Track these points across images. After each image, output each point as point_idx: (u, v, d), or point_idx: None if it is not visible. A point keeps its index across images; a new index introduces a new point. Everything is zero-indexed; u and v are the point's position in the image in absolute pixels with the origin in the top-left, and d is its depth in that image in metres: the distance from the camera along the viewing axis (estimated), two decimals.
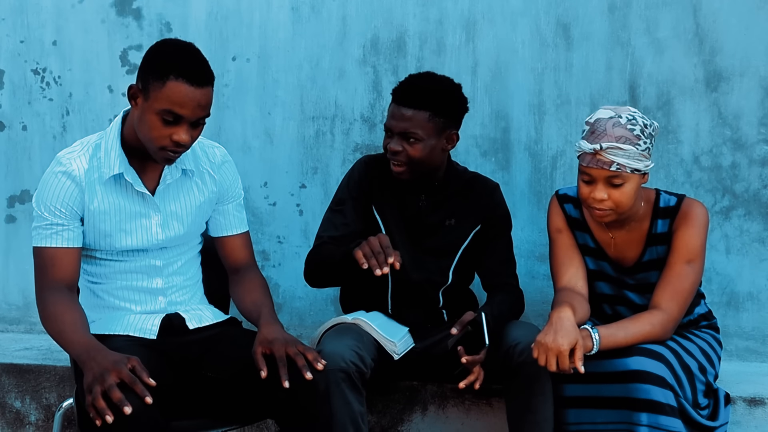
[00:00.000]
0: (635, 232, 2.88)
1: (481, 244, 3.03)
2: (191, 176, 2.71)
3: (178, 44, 2.57)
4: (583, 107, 3.41)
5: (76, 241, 2.60)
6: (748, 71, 3.35)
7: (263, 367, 2.47)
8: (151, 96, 2.49)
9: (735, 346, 3.42)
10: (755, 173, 3.38)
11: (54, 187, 2.58)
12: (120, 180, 2.62)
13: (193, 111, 2.49)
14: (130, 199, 2.64)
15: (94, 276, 2.71)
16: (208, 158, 2.75)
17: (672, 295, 2.78)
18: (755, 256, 3.40)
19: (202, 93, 2.49)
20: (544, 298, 3.37)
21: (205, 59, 2.55)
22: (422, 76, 2.97)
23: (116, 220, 2.63)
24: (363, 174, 3.02)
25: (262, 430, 3.25)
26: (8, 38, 3.66)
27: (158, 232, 2.67)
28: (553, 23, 3.42)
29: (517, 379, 2.76)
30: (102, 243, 2.65)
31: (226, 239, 2.81)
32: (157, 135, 2.50)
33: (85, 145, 2.63)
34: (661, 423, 2.62)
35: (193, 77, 2.47)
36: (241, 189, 2.85)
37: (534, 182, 3.47)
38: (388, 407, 3.19)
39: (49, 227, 2.58)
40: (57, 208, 2.57)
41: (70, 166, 2.59)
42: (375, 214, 3.00)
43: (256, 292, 2.76)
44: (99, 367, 2.33)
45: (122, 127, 2.63)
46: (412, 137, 2.86)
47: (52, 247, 2.58)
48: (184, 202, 2.71)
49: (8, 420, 3.36)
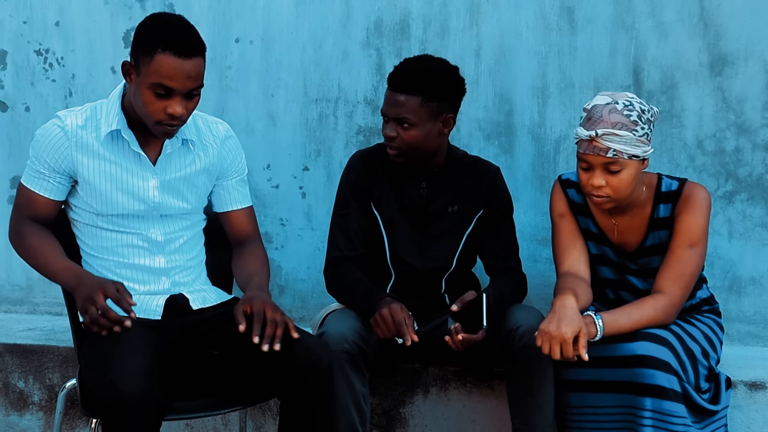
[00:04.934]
0: (637, 217, 2.88)
1: (483, 229, 3.03)
2: (192, 148, 2.72)
3: (165, 18, 2.60)
4: (587, 91, 3.40)
5: (57, 194, 2.67)
6: (753, 55, 3.34)
7: (242, 321, 2.51)
8: (142, 71, 2.51)
9: (737, 331, 3.42)
10: (759, 158, 3.38)
11: (45, 137, 2.64)
12: (117, 140, 2.64)
13: (183, 83, 2.51)
14: (126, 159, 2.65)
15: (95, 250, 2.70)
16: (212, 132, 2.78)
17: (675, 280, 2.78)
18: (758, 240, 3.41)
19: (190, 64, 2.50)
20: (547, 281, 3.37)
21: (193, 30, 2.57)
22: (416, 60, 2.96)
23: (112, 181, 2.64)
24: (359, 171, 3.01)
25: (265, 412, 3.26)
26: (11, 19, 3.65)
27: (155, 195, 2.67)
28: (557, 6, 3.41)
29: (518, 362, 2.77)
30: (98, 205, 2.65)
31: (230, 214, 2.84)
32: (152, 109, 2.53)
33: (85, 107, 2.69)
34: (664, 408, 2.63)
35: (179, 49, 2.48)
36: (245, 165, 2.86)
37: (537, 166, 3.47)
38: (390, 389, 3.20)
39: (36, 172, 2.65)
40: (44, 158, 2.63)
41: (64, 120, 2.64)
42: (374, 212, 3.00)
43: (254, 263, 2.78)
44: (87, 288, 2.46)
45: (122, 99, 2.65)
46: (406, 122, 2.85)
47: (33, 190, 2.66)
48: (185, 172, 2.71)
49: (11, 400, 3.37)
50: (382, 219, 2.99)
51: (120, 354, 2.40)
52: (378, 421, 3.22)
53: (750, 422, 3.06)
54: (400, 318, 2.74)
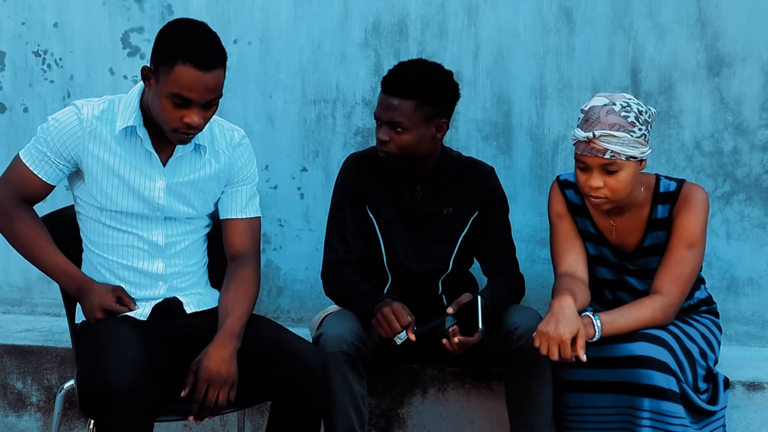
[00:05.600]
0: (635, 218, 2.88)
1: (479, 230, 3.03)
2: (204, 153, 2.69)
3: (187, 26, 2.57)
4: (585, 92, 3.40)
5: (55, 179, 2.66)
6: (751, 56, 3.34)
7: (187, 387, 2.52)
8: (161, 79, 2.49)
9: (735, 331, 3.42)
10: (756, 158, 3.38)
11: (59, 122, 2.62)
12: (130, 136, 2.63)
13: (202, 94, 2.49)
14: (137, 157, 2.64)
15: (96, 246, 2.70)
16: (225, 140, 2.75)
17: (673, 280, 2.78)
18: (756, 241, 3.41)
19: (210, 76, 2.48)
20: (545, 282, 3.37)
21: (214, 39, 2.55)
22: (410, 63, 2.94)
23: (119, 177, 2.63)
24: (354, 174, 3.00)
25: (263, 413, 3.26)
26: (9, 20, 3.65)
27: (160, 197, 2.66)
28: (555, 7, 3.41)
29: (516, 363, 2.77)
30: (102, 199, 2.64)
31: (229, 222, 2.77)
32: (169, 117, 2.51)
33: (104, 99, 2.67)
34: (662, 408, 2.63)
35: (200, 61, 2.46)
36: (256, 174, 2.81)
37: (535, 166, 3.47)
38: (389, 390, 3.21)
39: (40, 153, 2.63)
40: (53, 143, 2.62)
41: (81, 109, 2.62)
42: (369, 215, 3.00)
43: (238, 291, 2.67)
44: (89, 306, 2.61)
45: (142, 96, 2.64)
46: (399, 126, 2.85)
47: (32, 170, 2.64)
48: (194, 177, 2.69)
49: (10, 401, 3.37)
50: (377, 222, 2.99)
51: (111, 349, 2.41)
52: (376, 422, 3.22)
53: (748, 422, 3.06)
54: (404, 317, 2.75)
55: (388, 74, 2.90)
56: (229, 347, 2.55)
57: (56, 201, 3.13)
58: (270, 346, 2.58)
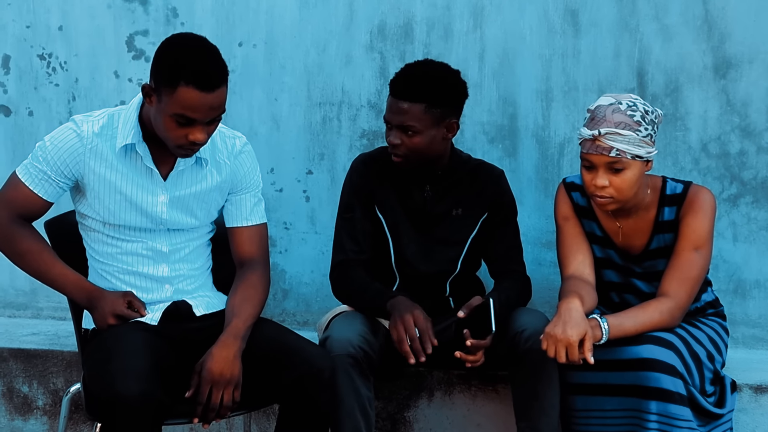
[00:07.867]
0: (642, 220, 2.88)
1: (488, 232, 3.02)
2: (205, 165, 2.69)
3: (187, 44, 2.52)
4: (591, 94, 3.40)
5: (54, 197, 2.64)
6: (757, 58, 3.33)
7: (192, 388, 2.52)
8: (163, 99, 2.47)
9: (741, 334, 3.41)
10: (763, 161, 3.37)
11: (58, 140, 2.60)
12: (130, 153, 2.61)
13: (206, 114, 2.48)
14: (137, 173, 2.63)
15: (100, 255, 2.70)
16: (227, 148, 2.73)
17: (680, 283, 2.78)
18: (762, 243, 3.40)
19: (213, 96, 2.47)
20: (551, 285, 3.37)
21: (215, 56, 2.51)
22: (418, 65, 2.94)
23: (121, 193, 2.62)
24: (362, 174, 3.00)
25: (269, 416, 3.26)
26: (14, 23, 3.65)
27: (163, 212, 2.66)
28: (561, 9, 3.40)
29: (523, 366, 2.77)
30: (105, 214, 2.64)
31: (236, 230, 2.77)
32: (173, 135, 2.50)
33: (103, 113, 2.64)
34: (670, 411, 2.62)
35: (203, 83, 2.44)
36: (260, 180, 2.81)
37: (541, 169, 3.47)
38: (395, 393, 3.20)
39: (39, 172, 2.61)
40: (54, 161, 2.59)
41: (80, 126, 2.60)
42: (379, 215, 2.99)
43: (245, 295, 2.67)
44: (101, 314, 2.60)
45: (141, 108, 2.62)
46: (410, 130, 2.85)
47: (31, 189, 2.62)
48: (196, 189, 2.69)
49: (16, 405, 3.37)
50: (386, 222, 2.99)
51: (120, 356, 2.41)
52: (383, 425, 3.21)
53: (755, 426, 3.06)
54: (423, 324, 2.74)
55: (396, 77, 2.90)
56: (233, 348, 2.55)
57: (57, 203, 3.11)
58: (278, 349, 2.58)
